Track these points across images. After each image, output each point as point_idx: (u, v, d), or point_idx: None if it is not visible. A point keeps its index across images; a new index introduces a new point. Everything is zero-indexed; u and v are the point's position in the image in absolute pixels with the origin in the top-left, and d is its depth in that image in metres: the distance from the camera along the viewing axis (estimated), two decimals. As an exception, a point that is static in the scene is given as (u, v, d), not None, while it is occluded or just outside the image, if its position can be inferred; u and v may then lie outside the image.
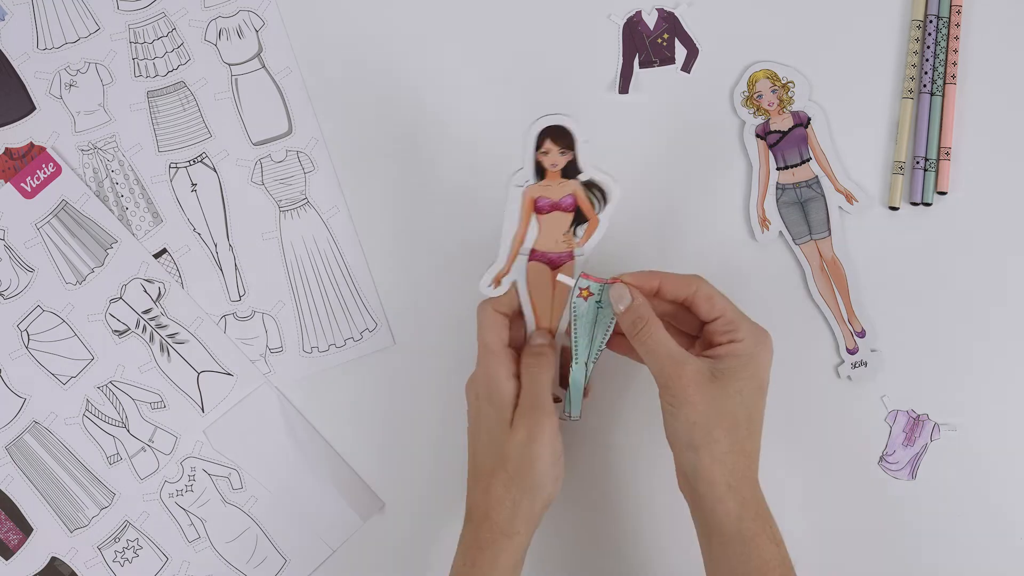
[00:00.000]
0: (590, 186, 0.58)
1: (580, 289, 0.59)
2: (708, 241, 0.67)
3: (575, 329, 0.59)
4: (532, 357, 0.58)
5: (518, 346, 0.61)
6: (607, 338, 0.59)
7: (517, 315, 0.60)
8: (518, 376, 0.58)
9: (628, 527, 0.66)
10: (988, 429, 0.65)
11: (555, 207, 0.58)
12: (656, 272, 0.58)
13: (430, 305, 0.68)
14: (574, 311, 0.59)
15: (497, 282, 0.60)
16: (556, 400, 0.60)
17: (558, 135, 0.57)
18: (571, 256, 0.59)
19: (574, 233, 0.59)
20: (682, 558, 0.64)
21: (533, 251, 0.59)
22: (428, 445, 0.68)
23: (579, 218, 0.59)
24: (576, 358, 0.60)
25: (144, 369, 0.69)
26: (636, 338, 0.56)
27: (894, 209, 0.66)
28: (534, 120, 0.57)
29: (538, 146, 0.58)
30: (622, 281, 0.58)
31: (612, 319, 0.59)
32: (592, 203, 0.58)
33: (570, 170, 0.58)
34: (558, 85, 0.69)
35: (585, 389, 0.60)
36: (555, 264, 0.60)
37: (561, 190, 0.58)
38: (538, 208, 0.59)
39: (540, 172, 0.58)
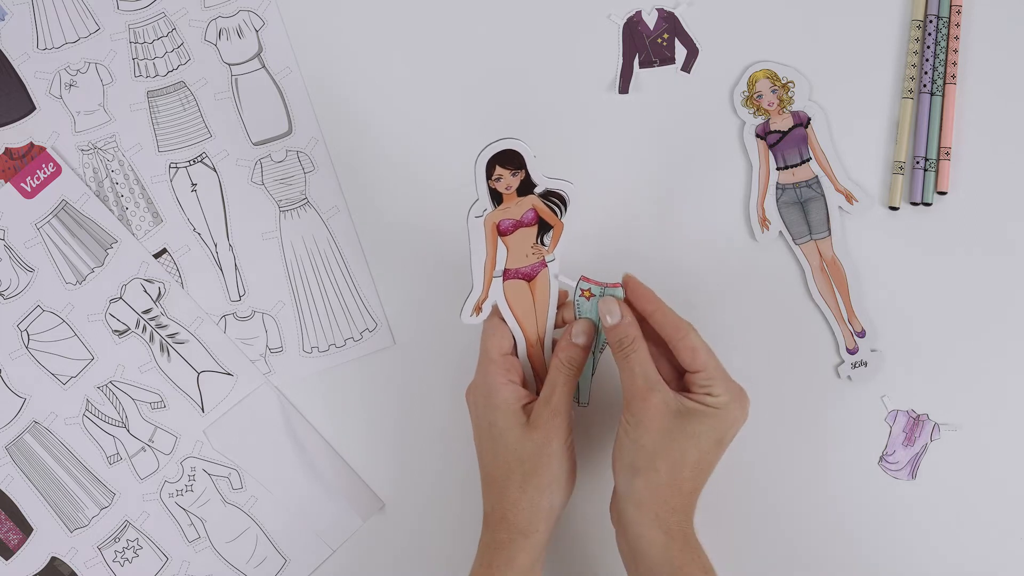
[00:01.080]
0: (547, 196, 0.58)
1: (581, 290, 0.59)
2: (708, 241, 0.67)
3: (588, 313, 0.60)
4: (563, 366, 0.58)
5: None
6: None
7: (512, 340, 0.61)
8: (518, 382, 0.59)
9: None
10: (988, 429, 0.65)
11: (518, 225, 0.58)
12: (655, 297, 0.58)
13: (430, 305, 0.68)
14: (577, 309, 0.60)
15: (478, 310, 0.60)
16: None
17: (507, 159, 0.57)
18: (544, 264, 0.60)
19: (541, 242, 0.59)
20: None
21: (506, 271, 0.59)
22: (428, 445, 0.68)
23: (543, 226, 0.59)
24: None
25: (144, 369, 0.69)
26: (619, 354, 0.57)
27: (894, 209, 0.66)
28: (479, 151, 0.57)
29: (489, 174, 0.57)
30: (622, 286, 0.58)
31: None
32: (553, 210, 0.59)
33: (524, 187, 0.58)
34: (558, 85, 0.69)
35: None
36: (530, 276, 0.60)
37: (520, 208, 0.58)
38: (502, 231, 0.59)
39: (496, 197, 0.58)
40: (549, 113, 0.69)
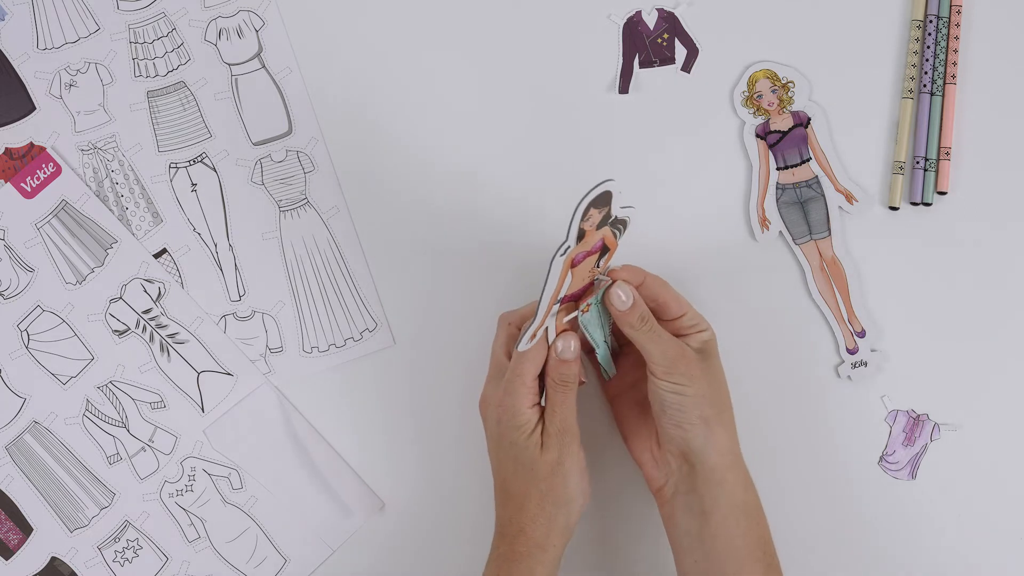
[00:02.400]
0: (614, 223, 0.56)
1: (580, 309, 0.59)
2: (708, 241, 0.67)
3: (591, 335, 0.60)
4: (559, 386, 0.59)
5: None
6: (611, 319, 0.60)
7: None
8: (539, 404, 0.60)
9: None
10: (988, 429, 0.65)
11: (588, 255, 0.57)
12: (637, 268, 0.60)
13: (430, 305, 0.68)
14: (585, 327, 0.59)
15: (533, 337, 0.58)
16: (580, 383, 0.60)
17: (601, 201, 0.54)
18: (592, 283, 0.59)
19: (597, 264, 0.58)
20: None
21: (564, 298, 0.57)
22: (428, 445, 0.68)
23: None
24: (597, 344, 0.61)
25: (144, 369, 0.69)
26: (644, 328, 0.58)
27: (894, 209, 0.66)
28: (582, 197, 0.53)
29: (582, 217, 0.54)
30: (621, 279, 0.58)
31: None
32: (615, 236, 0.57)
33: (604, 221, 0.55)
34: (558, 85, 0.69)
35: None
36: (579, 298, 0.59)
37: (593, 239, 0.56)
38: (574, 263, 0.56)
39: (579, 234, 0.55)
40: (549, 113, 0.69)
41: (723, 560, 0.57)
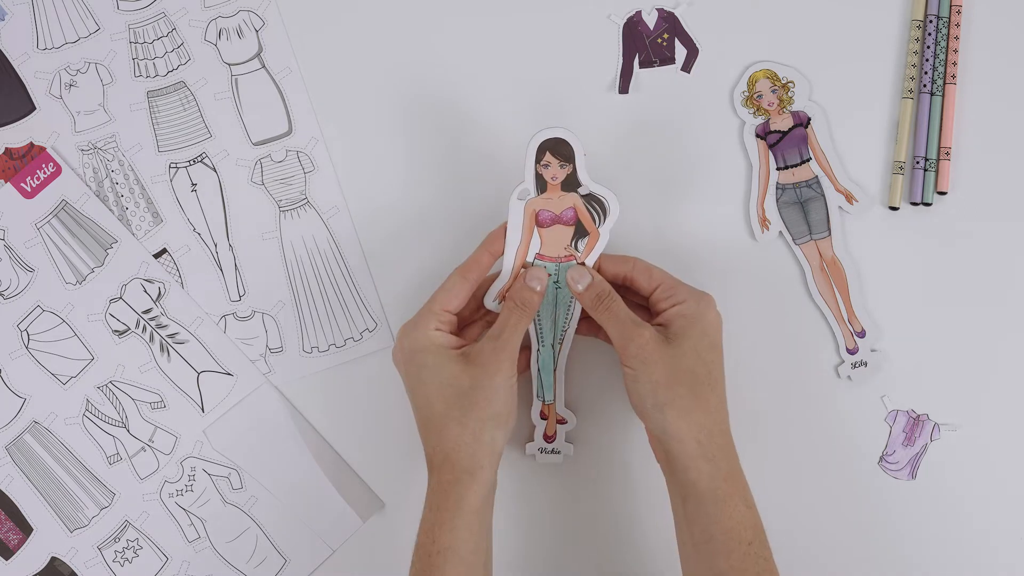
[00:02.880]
0: (589, 199, 0.59)
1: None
2: (708, 241, 0.67)
3: (537, 314, 0.60)
4: (516, 308, 0.58)
5: (466, 317, 0.62)
6: (571, 319, 0.61)
7: (486, 282, 0.61)
8: (448, 332, 0.59)
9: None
10: (988, 429, 0.65)
11: (556, 220, 0.60)
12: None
13: (430, 305, 0.68)
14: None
15: (502, 298, 0.60)
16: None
17: (558, 148, 0.59)
18: (572, 258, 0.60)
19: (575, 247, 0.60)
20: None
21: (536, 257, 0.61)
22: (428, 445, 0.68)
23: (579, 231, 0.60)
24: (542, 341, 0.62)
25: (144, 369, 0.69)
26: (599, 311, 0.58)
27: (894, 209, 0.66)
28: (534, 133, 0.59)
29: (538, 159, 0.59)
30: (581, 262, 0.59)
31: (572, 298, 0.60)
32: (592, 216, 0.59)
33: (569, 183, 0.59)
34: (558, 85, 0.69)
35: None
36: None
37: (562, 203, 0.60)
38: (540, 221, 0.60)
39: (541, 185, 0.59)
40: (549, 113, 0.69)
41: (697, 548, 0.56)
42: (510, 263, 0.60)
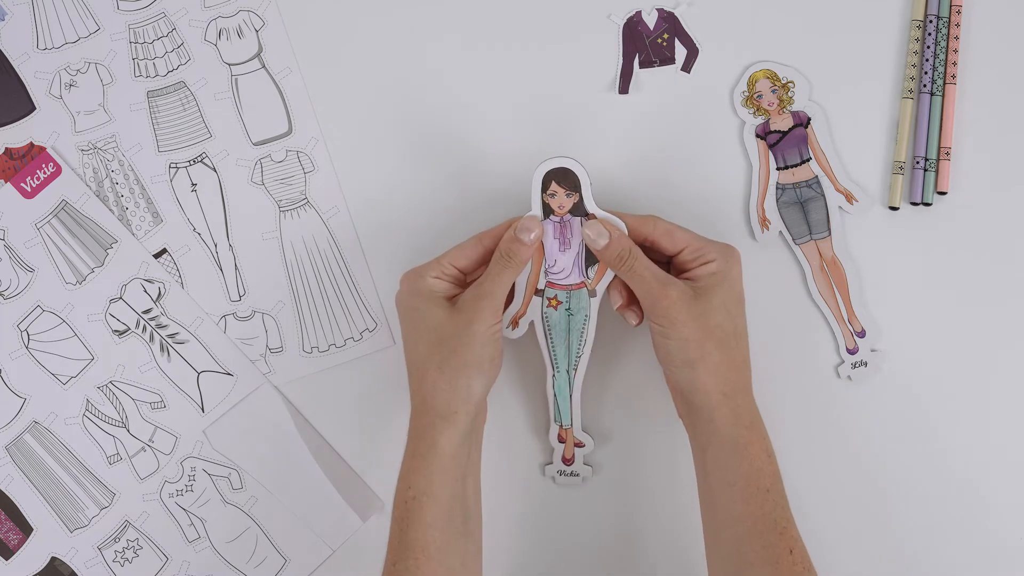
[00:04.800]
0: None
1: (548, 299, 0.60)
2: (708, 241, 0.67)
3: (550, 339, 0.61)
4: (502, 258, 0.58)
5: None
6: (585, 345, 0.60)
7: (476, 266, 0.61)
8: (449, 283, 0.59)
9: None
10: (988, 428, 0.65)
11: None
12: (613, 217, 0.60)
13: (430, 305, 0.68)
14: (546, 321, 0.61)
15: (515, 323, 0.61)
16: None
17: (563, 177, 0.58)
18: (583, 285, 0.61)
19: (586, 273, 0.60)
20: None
21: (548, 286, 0.61)
22: (428, 445, 0.68)
23: (589, 258, 0.60)
24: (557, 367, 0.62)
25: (144, 369, 0.69)
26: (623, 269, 0.58)
27: (894, 209, 0.66)
28: (539, 163, 0.59)
29: (544, 188, 0.59)
30: (596, 218, 0.59)
31: (585, 322, 0.60)
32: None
33: (576, 211, 0.59)
34: (558, 85, 0.69)
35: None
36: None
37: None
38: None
39: (548, 213, 0.59)
40: (549, 113, 0.69)
41: (716, 495, 0.56)
42: (521, 292, 0.60)
